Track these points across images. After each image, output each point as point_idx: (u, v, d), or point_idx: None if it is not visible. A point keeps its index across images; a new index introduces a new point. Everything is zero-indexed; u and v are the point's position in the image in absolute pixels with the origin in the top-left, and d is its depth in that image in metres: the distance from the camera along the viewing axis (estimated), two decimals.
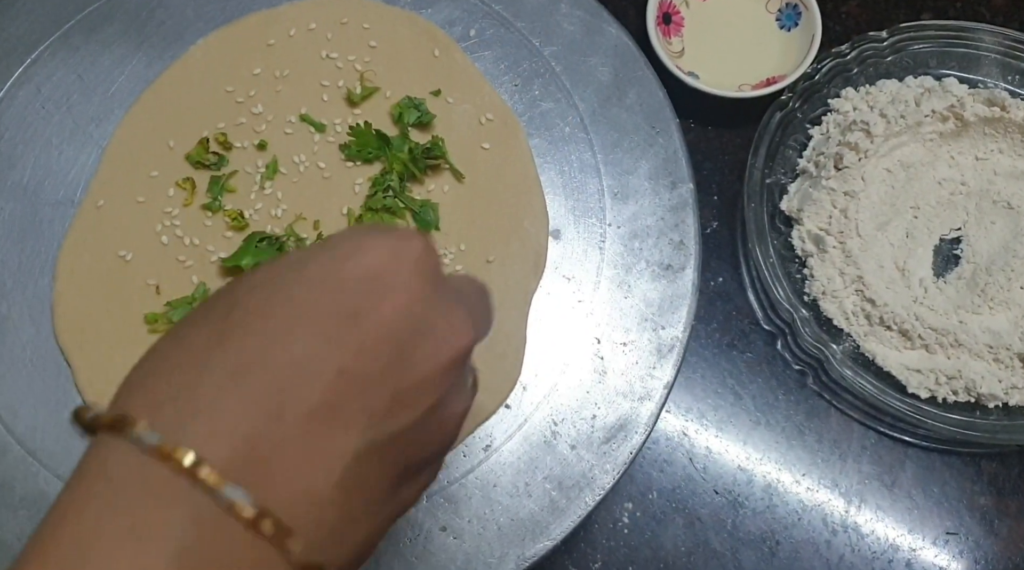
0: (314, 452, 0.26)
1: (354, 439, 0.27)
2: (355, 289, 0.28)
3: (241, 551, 0.25)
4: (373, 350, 0.27)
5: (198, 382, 0.26)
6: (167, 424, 0.25)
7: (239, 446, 0.25)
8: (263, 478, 0.25)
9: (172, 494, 0.25)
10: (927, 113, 0.62)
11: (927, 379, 0.58)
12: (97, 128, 0.57)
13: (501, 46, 0.60)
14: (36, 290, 0.54)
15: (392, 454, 0.28)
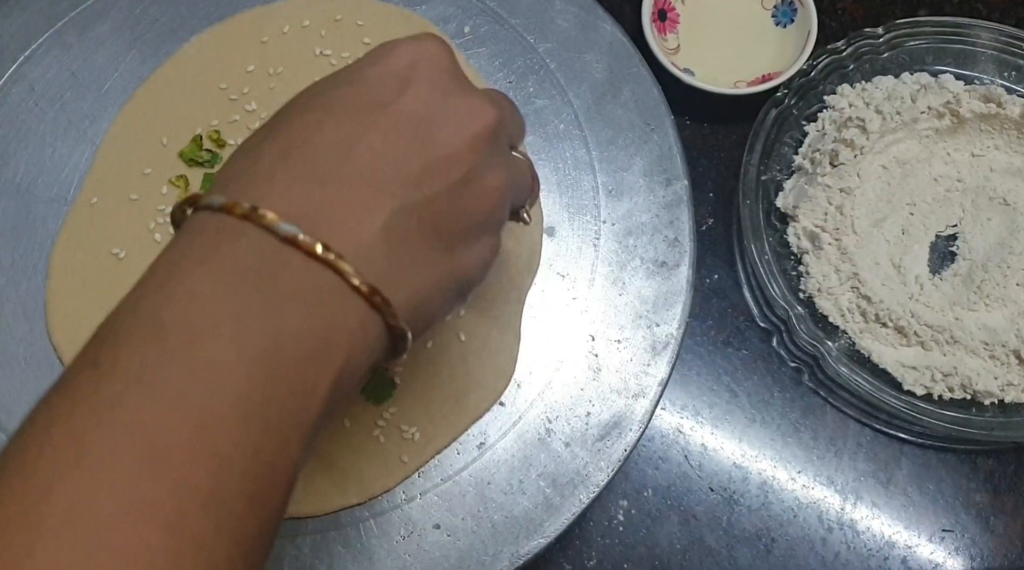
0: (356, 207, 0.31)
1: (389, 199, 0.31)
2: (380, 84, 0.33)
3: (301, 272, 0.30)
4: (399, 130, 0.32)
5: (254, 165, 0.32)
6: (231, 193, 0.31)
7: (291, 200, 0.30)
8: (314, 222, 0.30)
9: (238, 233, 0.30)
10: (923, 110, 0.62)
11: (923, 376, 0.58)
12: (91, 125, 0.57)
13: (495, 43, 0.60)
14: (29, 288, 0.54)
15: (430, 216, 0.33)
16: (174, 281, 0.29)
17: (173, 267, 0.30)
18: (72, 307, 0.53)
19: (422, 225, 0.33)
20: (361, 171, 0.32)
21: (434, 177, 0.33)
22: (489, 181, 0.34)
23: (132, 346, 0.28)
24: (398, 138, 0.32)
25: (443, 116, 0.33)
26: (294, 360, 0.29)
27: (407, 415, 0.52)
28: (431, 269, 0.34)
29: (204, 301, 0.29)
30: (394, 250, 0.32)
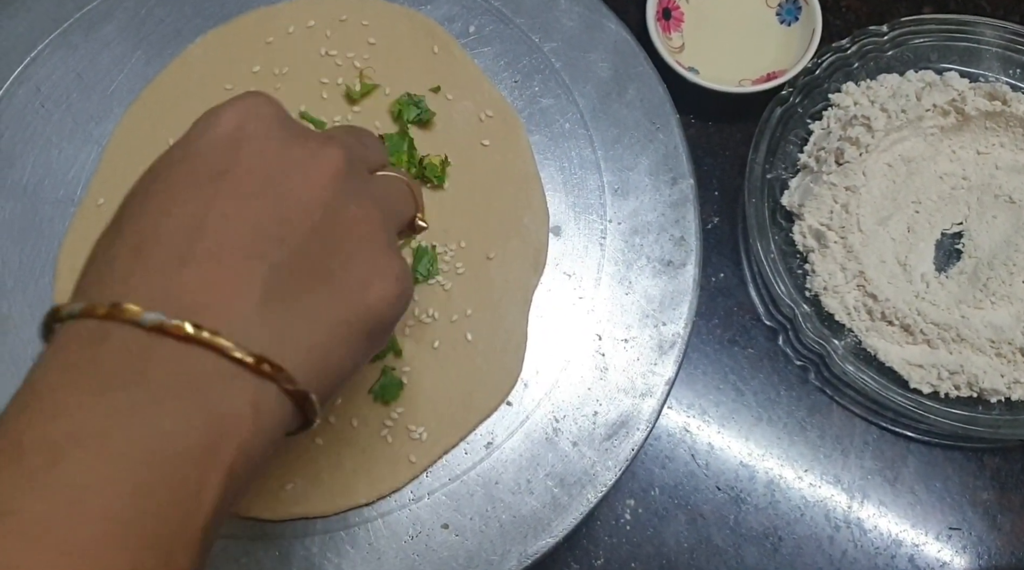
0: (223, 280, 0.30)
1: (255, 263, 0.30)
2: (213, 152, 0.32)
3: (175, 361, 0.28)
4: (245, 193, 0.31)
5: (111, 268, 0.30)
6: (89, 298, 0.29)
7: (154, 292, 0.29)
8: (185, 307, 0.29)
9: (102, 335, 0.28)
10: (928, 107, 0.61)
11: (929, 374, 0.58)
12: (97, 126, 0.57)
13: (500, 42, 0.60)
14: (37, 289, 0.54)
15: (302, 264, 0.31)
16: (36, 399, 0.28)
17: (36, 384, 0.28)
18: None
19: (296, 276, 0.31)
20: (220, 243, 0.30)
21: (294, 228, 0.31)
22: (352, 212, 0.33)
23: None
24: (247, 201, 0.31)
25: (286, 168, 0.32)
26: (172, 466, 0.27)
27: (414, 415, 0.52)
28: (321, 318, 0.32)
29: (67, 417, 0.27)
30: (274, 312, 0.30)
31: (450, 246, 0.55)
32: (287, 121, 0.34)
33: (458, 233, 0.56)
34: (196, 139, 0.33)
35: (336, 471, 0.51)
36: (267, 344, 0.29)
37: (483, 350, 0.53)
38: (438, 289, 0.54)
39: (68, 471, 0.26)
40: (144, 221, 0.31)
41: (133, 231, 0.31)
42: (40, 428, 0.27)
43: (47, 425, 0.27)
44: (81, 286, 0.32)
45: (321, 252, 0.32)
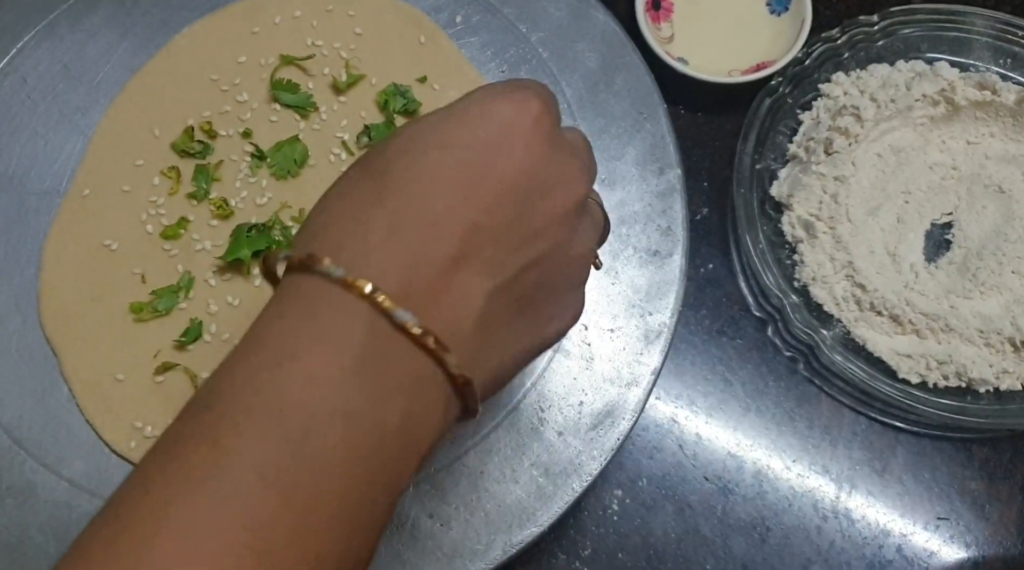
0: (456, 292, 0.31)
1: (486, 282, 0.32)
2: (482, 151, 0.32)
3: (407, 361, 0.30)
4: (499, 205, 0.32)
5: (365, 233, 0.31)
6: (346, 263, 0.30)
7: (402, 282, 0.30)
8: (421, 308, 0.30)
9: (355, 313, 0.30)
10: (918, 97, 0.61)
11: (918, 364, 0.58)
12: (83, 117, 0.57)
13: (487, 32, 0.60)
14: (22, 280, 0.54)
15: (519, 292, 0.33)
16: (293, 359, 0.30)
17: (289, 338, 0.30)
18: (65, 299, 0.53)
19: (510, 305, 0.33)
20: (465, 253, 0.31)
21: (525, 252, 0.33)
22: (576, 249, 0.35)
23: (252, 431, 0.28)
24: (498, 214, 0.32)
25: (540, 189, 0.33)
26: (391, 458, 0.30)
27: None
28: (514, 347, 0.34)
29: (321, 388, 0.29)
30: (483, 334, 0.32)
31: None
32: (556, 135, 0.34)
33: None
34: (473, 126, 0.33)
35: None
36: (470, 364, 0.32)
37: None
38: None
39: (318, 447, 0.28)
40: (406, 200, 0.32)
41: (394, 204, 0.32)
42: (297, 394, 0.29)
43: (305, 392, 0.29)
44: (331, 233, 0.32)
45: (536, 284, 0.34)
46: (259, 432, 0.28)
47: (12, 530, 0.49)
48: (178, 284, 0.53)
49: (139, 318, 0.53)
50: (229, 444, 0.28)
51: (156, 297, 0.53)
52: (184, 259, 0.54)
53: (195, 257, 0.54)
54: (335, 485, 0.29)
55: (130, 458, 0.50)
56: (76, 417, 0.51)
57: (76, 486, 0.50)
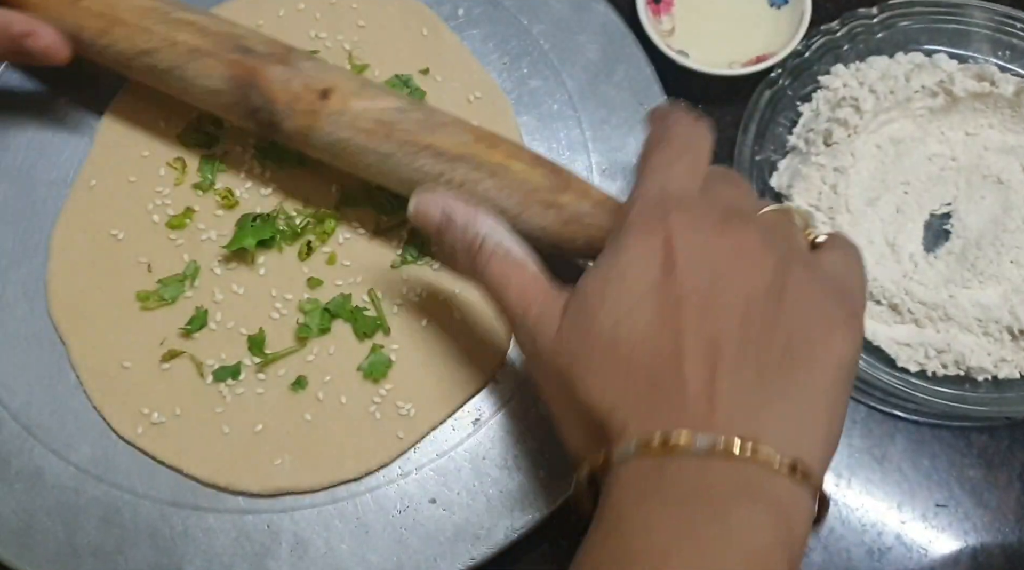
0: (742, 396, 0.36)
1: (752, 373, 0.36)
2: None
3: (784, 489, 0.35)
4: (704, 305, 0.37)
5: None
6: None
7: (691, 421, 0.35)
8: (726, 428, 0.35)
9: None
10: (917, 89, 0.62)
11: (917, 353, 0.58)
12: (90, 109, 0.58)
13: (489, 24, 0.60)
14: (31, 269, 0.55)
15: (775, 359, 0.37)
16: (627, 519, 0.35)
17: (620, 509, 0.35)
18: (72, 287, 0.54)
19: (776, 372, 0.37)
20: (715, 364, 0.36)
21: (757, 328, 0.37)
22: (791, 288, 0.39)
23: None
24: (710, 318, 0.37)
25: (719, 275, 0.38)
26: (756, 560, 0.33)
27: (403, 392, 0.52)
28: (813, 399, 0.37)
29: (659, 531, 0.33)
30: (782, 411, 0.36)
31: None
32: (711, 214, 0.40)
33: None
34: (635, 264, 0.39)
35: (325, 447, 0.51)
36: (792, 446, 0.35)
37: (470, 328, 0.54)
38: (427, 269, 0.55)
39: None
40: (653, 349, 0.37)
41: (642, 364, 0.37)
42: (642, 539, 0.33)
43: (648, 536, 0.33)
44: (615, 419, 0.37)
45: (780, 338, 0.37)
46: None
47: (20, 514, 0.50)
48: (184, 273, 0.54)
49: (145, 306, 0.53)
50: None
51: (162, 286, 0.54)
52: (190, 248, 0.55)
53: (201, 246, 0.55)
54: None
55: (136, 444, 0.51)
56: (83, 403, 0.52)
57: (83, 471, 0.51)
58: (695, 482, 0.34)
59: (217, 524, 0.50)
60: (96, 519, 0.50)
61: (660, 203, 0.40)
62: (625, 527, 0.34)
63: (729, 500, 0.33)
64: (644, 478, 0.35)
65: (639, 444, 0.35)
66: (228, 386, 0.52)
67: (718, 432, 0.34)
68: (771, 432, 0.35)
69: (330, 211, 0.55)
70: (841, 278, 0.41)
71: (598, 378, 0.38)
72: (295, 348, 0.53)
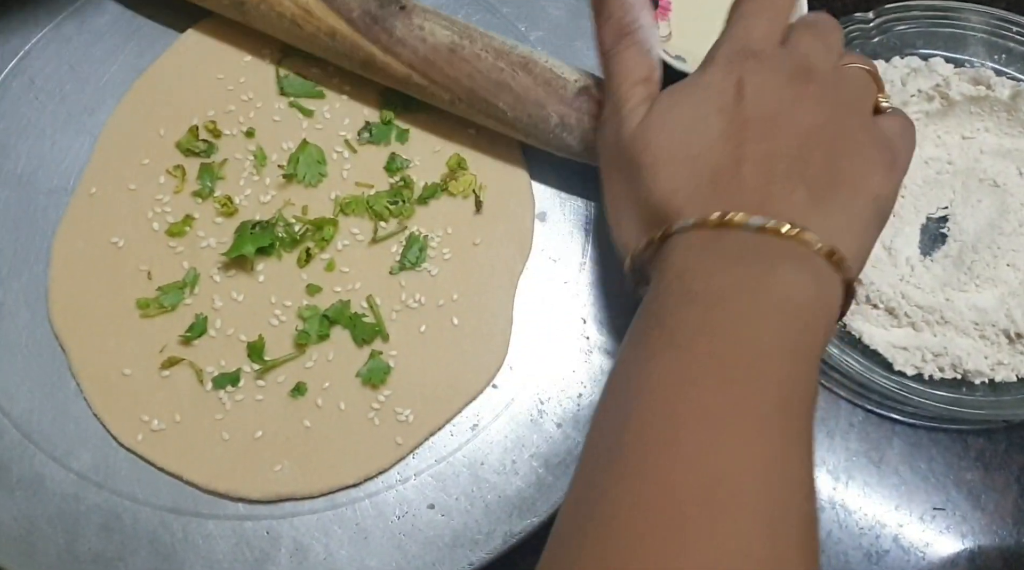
0: (794, 196, 0.41)
1: (799, 183, 0.42)
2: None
3: (822, 266, 0.40)
4: (766, 133, 0.43)
5: (705, 183, 0.43)
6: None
7: (749, 208, 0.41)
8: (779, 215, 0.40)
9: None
10: (913, 93, 0.62)
11: (913, 356, 0.59)
12: (90, 117, 0.58)
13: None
14: (31, 276, 0.55)
15: (825, 177, 0.42)
16: (688, 270, 0.40)
17: (680, 265, 0.41)
18: (73, 295, 0.54)
19: (823, 185, 0.42)
20: (769, 172, 0.42)
21: (811, 150, 0.43)
22: (842, 123, 0.44)
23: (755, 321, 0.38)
24: (771, 141, 0.43)
25: (782, 111, 0.44)
26: (799, 311, 0.39)
27: (401, 398, 0.53)
28: (852, 214, 0.42)
29: (719, 276, 0.39)
30: (825, 214, 0.41)
31: (436, 232, 0.56)
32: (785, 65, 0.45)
33: (444, 219, 0.56)
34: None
35: (324, 453, 0.51)
36: (831, 238, 0.40)
37: (469, 334, 0.54)
38: (425, 275, 0.55)
39: (728, 311, 0.38)
40: (718, 153, 0.43)
41: (707, 163, 0.43)
42: (703, 282, 0.39)
43: (708, 281, 0.39)
44: (674, 203, 0.42)
45: (828, 164, 0.42)
46: (759, 321, 0.38)
47: (21, 522, 0.50)
48: (183, 280, 0.54)
49: (145, 314, 0.54)
50: (729, 333, 0.38)
51: (162, 293, 0.54)
52: (189, 256, 0.55)
53: (200, 254, 0.55)
54: (746, 338, 0.38)
55: (137, 451, 0.51)
56: (84, 411, 0.52)
57: (84, 478, 0.51)
58: (748, 246, 0.39)
59: (217, 530, 0.50)
60: (96, 526, 0.50)
61: (741, 49, 0.45)
62: (687, 275, 0.40)
63: (777, 260, 0.39)
64: (702, 242, 0.40)
65: (698, 220, 0.41)
66: (228, 393, 0.52)
67: (768, 217, 0.40)
68: (814, 224, 0.40)
69: (329, 218, 0.56)
70: (891, 139, 0.45)
71: (666, 168, 0.43)
72: (294, 355, 0.53)
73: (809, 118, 0.43)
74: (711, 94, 0.44)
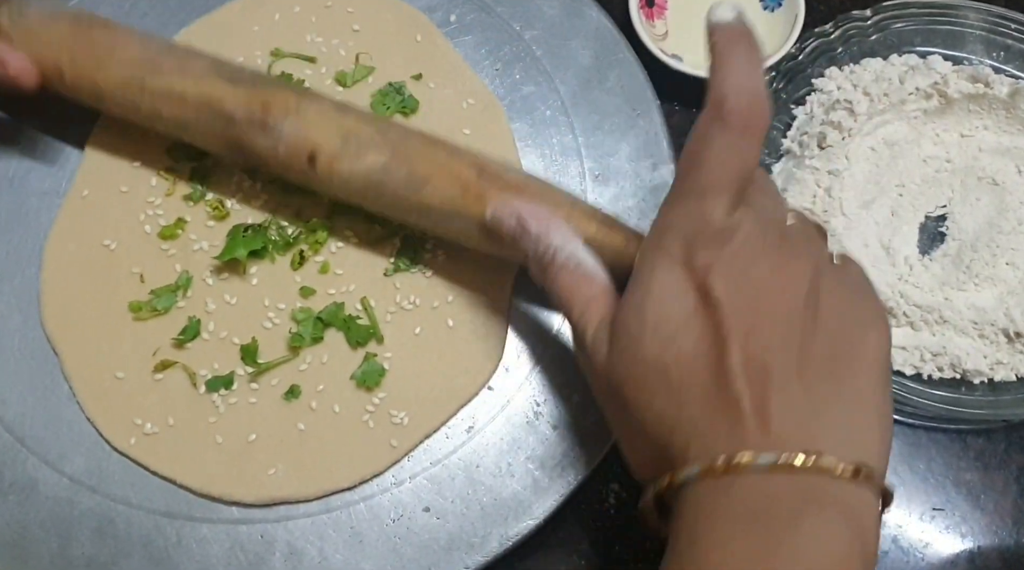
0: (797, 408, 0.36)
1: (798, 387, 0.37)
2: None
3: (850, 493, 0.36)
4: (744, 329, 0.38)
5: (694, 427, 0.38)
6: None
7: (751, 439, 0.36)
8: (785, 442, 0.36)
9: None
10: (911, 91, 0.62)
11: (912, 356, 0.58)
12: (82, 118, 0.58)
13: (482, 30, 0.60)
14: (24, 279, 0.55)
15: (819, 367, 0.38)
16: (702, 537, 0.35)
17: (692, 530, 0.36)
18: (65, 298, 0.54)
19: (821, 380, 0.38)
20: (763, 378, 0.37)
21: (797, 341, 0.38)
22: (823, 301, 0.40)
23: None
24: (753, 339, 0.38)
25: (758, 298, 0.39)
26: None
27: (396, 400, 0.52)
28: (857, 399, 0.38)
29: (733, 546, 0.35)
30: (834, 419, 0.37)
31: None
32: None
33: None
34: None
35: (318, 456, 0.51)
36: (851, 450, 0.36)
37: (464, 336, 0.54)
38: (419, 276, 0.55)
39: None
40: (702, 374, 0.38)
41: (694, 387, 0.38)
42: (718, 553, 0.35)
43: (724, 550, 0.34)
44: (673, 442, 0.38)
45: (822, 347, 0.38)
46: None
47: (14, 526, 0.50)
48: (176, 283, 0.54)
49: (138, 317, 0.53)
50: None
51: (155, 296, 0.54)
52: (182, 259, 0.55)
53: (193, 257, 0.55)
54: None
55: (130, 454, 0.51)
56: (77, 414, 0.52)
57: (77, 482, 0.51)
58: (763, 497, 0.35)
59: (211, 534, 0.50)
60: (90, 530, 0.50)
61: (691, 233, 0.40)
62: (699, 546, 0.35)
63: (798, 511, 0.34)
64: (712, 498, 0.36)
65: (703, 468, 0.36)
66: (221, 396, 0.52)
67: (778, 448, 0.35)
68: (829, 440, 0.36)
69: (322, 221, 0.55)
70: (862, 282, 0.42)
71: (653, 403, 0.39)
72: (288, 357, 0.53)
73: (787, 293, 0.38)
74: (672, 298, 0.39)
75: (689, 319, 0.38)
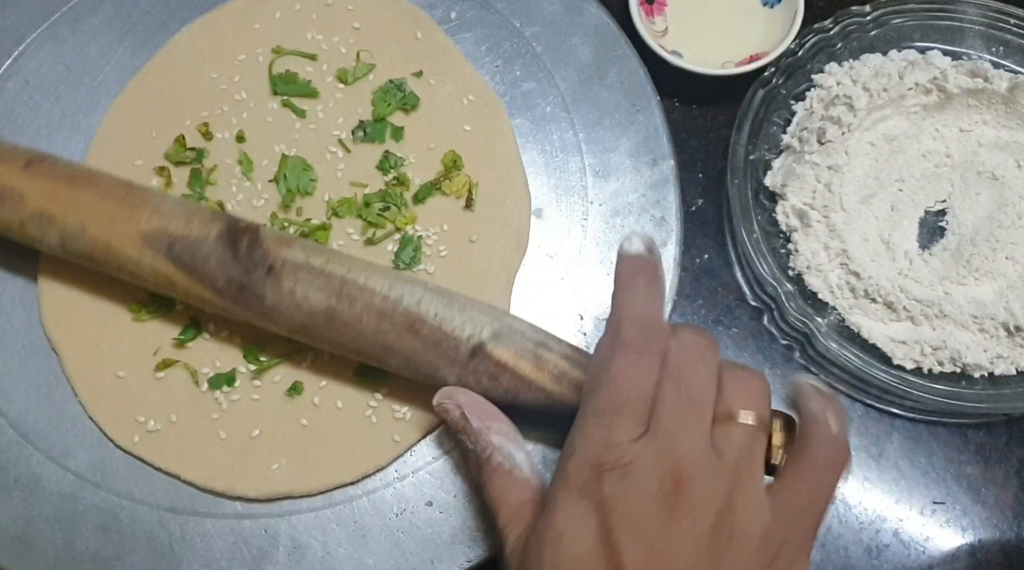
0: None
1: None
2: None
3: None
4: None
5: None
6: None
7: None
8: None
9: None
10: (910, 86, 0.62)
11: (912, 350, 0.58)
12: (84, 118, 0.58)
13: (482, 27, 0.60)
14: (26, 277, 0.55)
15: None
16: None
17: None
18: (65, 298, 0.54)
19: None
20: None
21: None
22: (740, 522, 0.40)
23: None
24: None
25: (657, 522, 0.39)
26: None
27: (398, 396, 0.52)
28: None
29: None
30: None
31: (432, 230, 0.56)
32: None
33: (440, 216, 0.56)
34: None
35: (321, 451, 0.51)
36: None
37: None
38: (421, 273, 0.55)
39: None
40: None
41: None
42: None
43: None
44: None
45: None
46: None
47: (19, 521, 0.50)
48: None
49: (138, 317, 0.54)
50: None
51: (155, 297, 0.54)
52: None
53: None
54: None
55: (133, 452, 0.51)
56: (81, 411, 0.52)
57: (81, 478, 0.51)
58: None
59: (215, 529, 0.50)
60: (94, 526, 0.50)
61: (597, 464, 0.39)
62: None
63: None
64: None
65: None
66: (224, 393, 0.52)
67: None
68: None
69: (322, 221, 0.55)
70: (791, 519, 0.40)
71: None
72: (290, 354, 0.53)
73: (689, 539, 0.38)
74: (572, 534, 0.39)
75: (588, 557, 0.38)
